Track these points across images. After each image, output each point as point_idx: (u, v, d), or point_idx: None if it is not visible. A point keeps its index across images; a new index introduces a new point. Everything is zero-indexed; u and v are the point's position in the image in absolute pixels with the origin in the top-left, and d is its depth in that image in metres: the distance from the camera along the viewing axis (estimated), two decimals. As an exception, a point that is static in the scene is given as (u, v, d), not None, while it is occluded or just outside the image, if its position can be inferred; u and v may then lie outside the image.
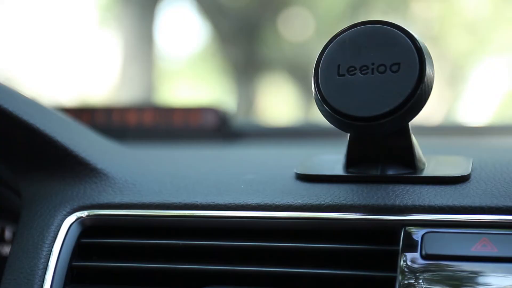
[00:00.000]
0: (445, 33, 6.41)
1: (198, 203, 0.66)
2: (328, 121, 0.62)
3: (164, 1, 5.56)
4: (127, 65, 5.04)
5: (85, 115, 1.11)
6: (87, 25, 6.29)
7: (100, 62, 6.09)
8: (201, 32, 6.69)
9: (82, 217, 0.68)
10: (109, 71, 5.67)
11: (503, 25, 6.28)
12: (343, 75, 0.61)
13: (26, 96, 0.73)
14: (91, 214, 0.68)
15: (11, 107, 0.68)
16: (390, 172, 0.65)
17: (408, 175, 0.65)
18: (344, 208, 0.63)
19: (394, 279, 0.59)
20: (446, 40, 6.39)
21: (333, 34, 0.62)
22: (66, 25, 6.14)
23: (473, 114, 5.99)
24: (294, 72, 6.51)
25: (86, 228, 0.68)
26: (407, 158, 0.65)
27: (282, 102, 6.91)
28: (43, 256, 0.66)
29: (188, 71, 7.59)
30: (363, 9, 6.37)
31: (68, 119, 0.77)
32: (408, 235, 0.60)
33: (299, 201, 0.64)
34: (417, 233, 0.60)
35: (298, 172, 0.68)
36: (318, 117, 0.64)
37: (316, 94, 0.61)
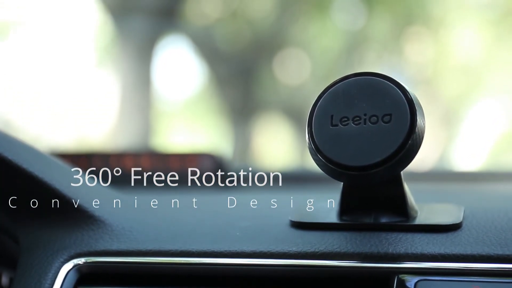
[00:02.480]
0: (438, 76, 6.48)
1: (194, 250, 0.67)
2: (322, 170, 0.63)
3: (161, 43, 5.62)
4: (125, 107, 5.07)
5: (82, 160, 1.13)
6: (84, 67, 6.34)
7: (97, 105, 6.12)
8: (198, 74, 6.75)
9: (79, 264, 0.69)
10: (107, 113, 5.70)
11: (497, 68, 6.36)
12: (336, 125, 0.62)
13: (25, 143, 0.74)
14: (88, 261, 0.69)
15: (10, 155, 0.69)
16: (383, 220, 0.66)
17: (401, 223, 0.66)
18: (338, 256, 0.64)
19: (387, 327, 0.60)
20: (439, 82, 6.45)
21: (326, 86, 0.64)
22: (63, 68, 6.19)
23: (466, 158, 6.02)
24: (290, 114, 6.55)
25: (83, 275, 0.68)
26: (399, 206, 0.66)
27: (278, 144, 6.94)
28: (40, 304, 0.66)
29: (185, 113, 7.63)
30: (358, 53, 6.45)
31: (66, 166, 0.78)
32: (401, 283, 0.61)
33: (293, 248, 0.65)
34: (410, 281, 0.61)
35: (293, 219, 0.69)
36: (313, 161, 0.65)
37: (310, 144, 0.63)
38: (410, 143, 0.60)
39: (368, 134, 0.61)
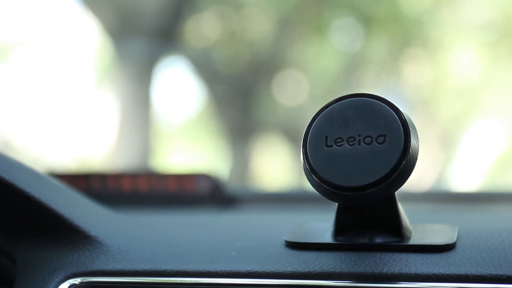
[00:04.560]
0: (436, 97, 6.50)
1: (190, 270, 0.68)
2: (316, 190, 0.63)
3: (161, 65, 5.65)
4: (124, 128, 5.08)
5: (80, 181, 1.13)
6: (84, 88, 6.37)
7: (96, 126, 6.14)
8: (197, 95, 6.77)
9: (75, 284, 0.69)
10: (106, 134, 5.71)
11: (494, 89, 6.38)
12: (331, 146, 0.63)
13: (23, 163, 0.75)
14: (84, 281, 0.69)
15: (8, 175, 0.70)
16: (378, 240, 0.67)
17: (395, 244, 0.66)
18: (332, 276, 0.64)
19: None
20: (437, 103, 6.47)
21: (321, 107, 0.65)
22: (63, 88, 6.21)
23: (463, 179, 6.03)
24: (288, 135, 6.57)
25: (79, 295, 0.69)
26: (394, 227, 0.67)
27: (276, 165, 6.94)
28: (36, 324, 0.66)
29: (184, 134, 7.65)
30: (356, 74, 6.48)
31: (63, 187, 0.78)
32: (396, 303, 0.62)
33: (288, 268, 0.66)
34: (404, 301, 0.62)
35: (288, 239, 0.70)
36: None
37: (304, 164, 0.63)
38: (404, 164, 0.60)
39: (362, 155, 0.61)
